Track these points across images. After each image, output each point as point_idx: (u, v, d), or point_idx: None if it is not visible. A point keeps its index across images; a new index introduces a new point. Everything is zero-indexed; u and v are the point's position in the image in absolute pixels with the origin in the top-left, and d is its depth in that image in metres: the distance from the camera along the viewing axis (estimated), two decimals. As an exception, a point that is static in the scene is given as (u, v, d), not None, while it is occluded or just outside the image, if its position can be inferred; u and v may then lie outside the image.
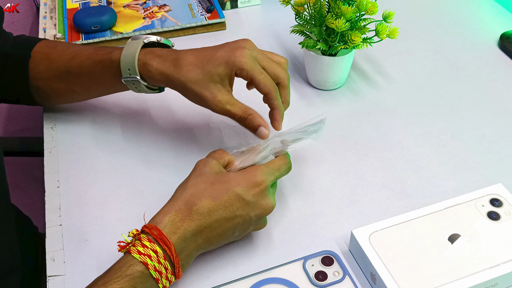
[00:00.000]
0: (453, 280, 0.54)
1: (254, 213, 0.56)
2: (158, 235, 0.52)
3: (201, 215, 0.54)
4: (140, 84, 0.66)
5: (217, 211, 0.55)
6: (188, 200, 0.55)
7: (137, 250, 0.51)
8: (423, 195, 0.67)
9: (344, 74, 0.82)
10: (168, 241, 0.52)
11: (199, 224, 0.54)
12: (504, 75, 0.86)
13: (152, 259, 0.51)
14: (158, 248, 0.51)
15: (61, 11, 0.99)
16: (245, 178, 0.56)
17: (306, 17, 0.78)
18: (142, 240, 0.52)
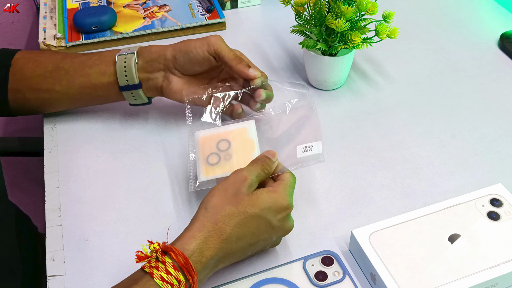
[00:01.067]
0: (453, 280, 0.54)
1: (276, 236, 0.57)
2: (184, 264, 0.50)
3: (229, 243, 0.53)
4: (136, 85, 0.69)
5: (244, 238, 0.54)
6: (217, 227, 0.52)
7: (160, 276, 0.49)
8: (423, 195, 0.67)
9: (344, 74, 0.82)
10: (193, 271, 0.50)
11: (225, 252, 0.53)
12: (504, 75, 0.86)
13: (174, 287, 0.49)
14: (181, 277, 0.49)
15: (61, 11, 0.99)
16: (276, 202, 0.55)
17: (306, 17, 0.78)
18: (166, 266, 0.49)
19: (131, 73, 0.69)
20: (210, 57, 0.68)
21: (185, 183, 0.69)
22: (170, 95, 0.71)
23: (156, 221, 0.65)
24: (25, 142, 1.01)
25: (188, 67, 0.70)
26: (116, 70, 0.70)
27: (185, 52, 0.68)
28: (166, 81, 0.70)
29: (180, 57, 0.69)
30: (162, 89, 0.71)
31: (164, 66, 0.70)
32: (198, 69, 0.70)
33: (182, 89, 0.70)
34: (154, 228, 0.64)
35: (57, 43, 0.92)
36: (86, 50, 0.93)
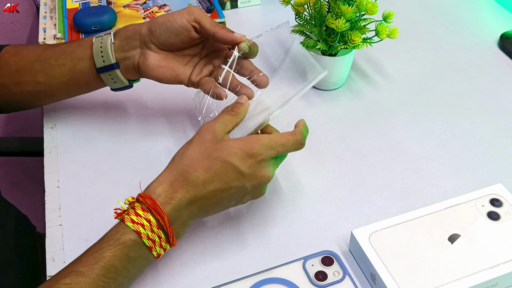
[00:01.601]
0: (453, 280, 0.54)
1: (249, 184, 0.56)
2: (152, 205, 0.52)
3: (196, 186, 0.54)
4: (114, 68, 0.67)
5: (212, 183, 0.55)
6: (184, 171, 0.55)
7: (130, 219, 0.52)
8: (423, 195, 0.67)
9: (344, 74, 0.82)
10: (161, 211, 0.52)
11: (193, 195, 0.54)
12: (504, 75, 0.86)
13: (145, 228, 0.52)
14: (151, 217, 0.52)
15: (61, 11, 0.99)
16: (243, 149, 0.55)
17: (306, 17, 0.78)
18: (136, 209, 0.52)
19: (107, 53, 0.66)
20: (189, 25, 0.63)
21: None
22: (147, 73, 0.67)
23: (156, 221, 0.65)
24: (25, 142, 1.01)
25: (164, 39, 0.64)
26: (93, 52, 0.67)
27: (162, 22, 0.64)
28: (142, 58, 0.66)
29: (156, 28, 0.64)
30: (139, 67, 0.67)
31: (140, 42, 0.66)
32: (175, 40, 0.65)
33: (160, 66, 0.66)
34: (154, 228, 0.64)
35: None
36: (86, 50, 0.93)
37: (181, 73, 0.67)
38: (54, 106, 0.81)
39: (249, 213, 0.65)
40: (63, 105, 0.80)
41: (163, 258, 0.60)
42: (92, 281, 0.49)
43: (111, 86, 0.70)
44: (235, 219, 0.64)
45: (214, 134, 0.56)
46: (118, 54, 0.67)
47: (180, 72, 0.67)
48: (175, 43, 0.65)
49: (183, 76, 0.67)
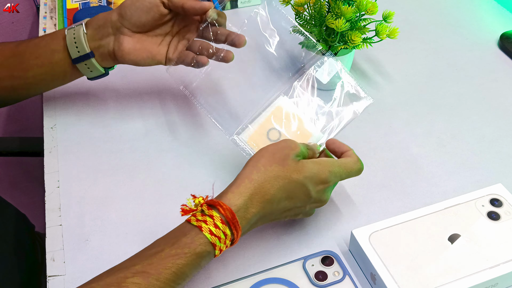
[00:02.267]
0: (453, 280, 0.54)
1: (309, 206, 0.58)
2: (231, 220, 0.52)
3: (271, 203, 0.55)
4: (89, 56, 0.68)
5: (284, 201, 0.56)
6: (262, 186, 0.54)
7: (209, 230, 0.51)
8: (423, 195, 0.67)
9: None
10: (238, 226, 0.52)
11: (266, 211, 0.55)
12: (504, 75, 0.86)
13: (221, 241, 0.52)
14: (228, 232, 0.52)
15: (61, 11, 0.99)
16: (318, 174, 0.57)
17: (306, 17, 0.78)
18: (215, 220, 0.51)
19: (81, 43, 0.67)
20: (157, 1, 0.65)
21: (184, 182, 0.69)
22: (123, 58, 0.68)
23: (156, 221, 0.65)
24: (25, 142, 1.01)
25: (136, 19, 0.66)
26: (67, 43, 0.68)
27: (131, 3, 0.66)
28: (117, 43, 0.67)
29: (126, 11, 0.66)
30: (115, 53, 0.68)
31: (112, 29, 0.67)
32: (146, 18, 0.66)
33: (135, 49, 0.68)
34: (154, 228, 0.64)
35: (57, 43, 0.92)
36: (86, 50, 0.93)
37: (157, 53, 0.69)
38: (54, 106, 0.81)
39: (249, 213, 0.65)
40: (63, 105, 0.81)
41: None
42: (162, 285, 0.49)
43: (87, 75, 0.71)
44: (235, 219, 0.64)
45: (297, 154, 0.58)
46: (92, 43, 0.68)
47: (155, 52, 0.68)
48: (146, 21, 0.67)
49: (160, 56, 0.69)
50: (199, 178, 0.70)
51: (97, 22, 0.68)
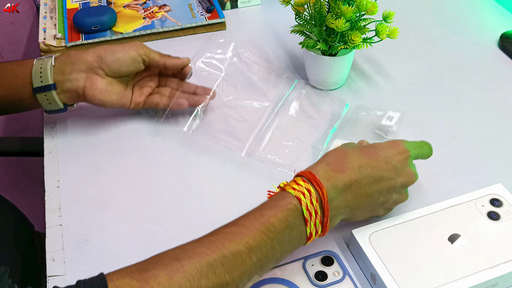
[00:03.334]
0: (453, 280, 0.54)
1: (399, 180, 0.58)
2: (312, 177, 0.53)
3: (351, 169, 0.55)
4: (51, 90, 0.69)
5: (366, 168, 0.56)
6: (338, 156, 0.56)
7: (291, 187, 0.53)
8: (423, 195, 0.67)
9: (344, 74, 0.82)
10: (320, 183, 0.53)
11: (349, 177, 0.55)
12: (504, 75, 0.86)
13: (305, 196, 0.52)
14: (311, 187, 0.53)
15: (61, 11, 0.99)
16: (390, 145, 0.58)
17: (306, 17, 0.78)
18: (296, 181, 0.54)
19: (46, 73, 0.68)
20: (139, 58, 0.71)
21: (185, 182, 0.69)
22: (94, 96, 0.70)
23: (156, 221, 0.65)
24: (25, 142, 1.01)
25: (115, 67, 0.70)
26: (32, 71, 0.68)
27: (113, 51, 0.70)
28: (89, 82, 0.69)
29: (107, 57, 0.70)
30: (85, 90, 0.70)
31: (85, 67, 0.69)
32: (124, 70, 0.71)
33: (107, 90, 0.71)
34: (154, 228, 0.64)
35: (57, 43, 0.92)
36: (86, 50, 0.93)
37: (124, 96, 0.73)
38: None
39: (249, 213, 0.65)
40: (63, 105, 0.81)
41: (163, 258, 0.60)
42: (252, 234, 0.50)
43: (45, 107, 0.71)
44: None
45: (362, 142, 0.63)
46: (57, 77, 0.69)
47: (123, 95, 0.73)
48: (124, 71, 0.72)
49: (126, 98, 0.73)
50: (199, 177, 0.70)
51: (68, 58, 0.70)
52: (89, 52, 0.70)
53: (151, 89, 0.76)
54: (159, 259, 0.49)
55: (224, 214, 0.65)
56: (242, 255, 0.49)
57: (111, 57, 0.70)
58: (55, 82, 0.69)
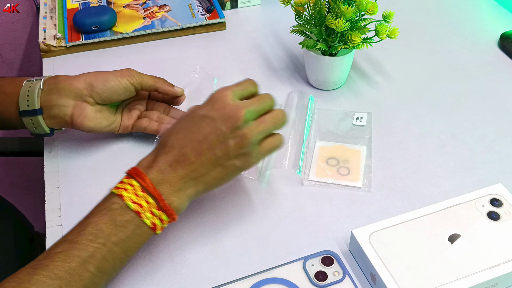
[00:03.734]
0: (453, 280, 0.54)
1: (222, 125, 0.55)
2: (133, 171, 0.55)
3: (171, 146, 0.55)
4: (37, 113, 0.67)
5: (183, 137, 0.56)
6: (161, 142, 0.57)
7: (115, 187, 0.54)
8: (423, 195, 0.67)
9: (344, 74, 0.82)
10: (142, 174, 0.54)
11: (171, 154, 0.55)
12: (504, 75, 0.86)
13: (128, 191, 0.53)
14: (133, 181, 0.54)
15: (61, 11, 0.99)
16: (207, 102, 0.57)
17: (306, 17, 0.78)
18: (121, 180, 0.55)
19: (33, 97, 0.66)
20: (131, 87, 0.69)
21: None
22: (82, 124, 0.68)
23: (156, 221, 0.65)
24: (25, 142, 1.01)
25: (106, 96, 0.68)
26: (20, 94, 0.67)
27: (104, 79, 0.68)
28: (78, 109, 0.67)
29: (98, 85, 0.67)
30: (73, 118, 0.67)
31: (75, 95, 0.67)
32: (115, 98, 0.69)
33: (96, 117, 0.69)
34: (154, 228, 0.64)
35: (57, 43, 0.92)
36: (86, 50, 0.93)
37: (113, 121, 0.71)
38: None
39: (249, 213, 0.65)
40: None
41: (163, 257, 0.60)
42: (81, 246, 0.50)
43: (31, 130, 0.69)
44: (236, 219, 0.64)
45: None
46: (45, 101, 0.67)
47: (112, 120, 0.71)
48: (115, 99, 0.70)
49: (115, 123, 0.72)
50: (199, 178, 0.70)
51: (57, 83, 0.67)
52: (79, 79, 0.67)
53: (140, 112, 0.74)
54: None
55: (225, 213, 0.65)
56: (77, 270, 0.49)
57: (103, 86, 0.67)
58: (42, 107, 0.67)
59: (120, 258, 0.52)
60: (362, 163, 0.71)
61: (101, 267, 0.50)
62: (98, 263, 0.50)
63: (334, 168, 0.70)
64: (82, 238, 0.51)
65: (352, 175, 0.69)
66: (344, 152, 0.72)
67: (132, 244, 0.53)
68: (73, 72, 0.70)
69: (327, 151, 0.72)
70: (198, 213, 0.65)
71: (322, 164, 0.70)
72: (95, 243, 0.50)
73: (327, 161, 0.71)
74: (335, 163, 0.70)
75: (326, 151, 0.72)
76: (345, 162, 0.71)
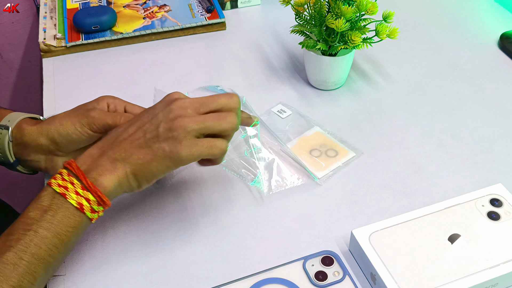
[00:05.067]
0: (453, 280, 0.54)
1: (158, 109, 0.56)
2: (65, 162, 0.54)
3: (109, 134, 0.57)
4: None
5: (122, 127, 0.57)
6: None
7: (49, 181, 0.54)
8: (423, 195, 0.67)
9: (344, 74, 0.82)
10: (71, 161, 0.54)
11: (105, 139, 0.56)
12: (504, 75, 0.86)
13: (56, 178, 0.53)
14: (63, 170, 0.54)
15: (61, 11, 0.99)
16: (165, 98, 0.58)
17: (306, 17, 0.78)
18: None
19: (5, 151, 0.64)
20: (95, 134, 0.63)
21: (184, 182, 0.69)
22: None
23: (155, 221, 0.65)
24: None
25: (73, 147, 0.64)
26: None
27: (66, 135, 0.63)
28: (50, 163, 0.65)
29: (62, 140, 0.63)
30: (48, 170, 0.66)
31: (42, 151, 0.64)
32: (82, 146, 0.64)
33: None
34: (153, 228, 0.64)
35: (57, 43, 0.92)
36: (86, 50, 0.93)
37: None
38: (54, 106, 0.81)
39: (249, 213, 0.65)
40: (63, 105, 0.80)
41: (163, 257, 0.60)
42: (15, 236, 0.50)
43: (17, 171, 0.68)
44: (235, 219, 0.64)
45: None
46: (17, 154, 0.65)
47: None
48: (78, 147, 0.64)
49: None
50: (199, 177, 0.70)
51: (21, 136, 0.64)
52: (42, 135, 0.63)
53: None
54: None
55: (224, 213, 0.65)
56: (11, 260, 0.49)
57: (66, 141, 0.63)
58: (16, 158, 0.65)
59: (54, 243, 0.52)
60: (332, 139, 0.73)
61: (36, 254, 0.50)
62: (32, 250, 0.50)
63: (323, 157, 0.71)
64: (15, 228, 0.51)
65: (340, 153, 0.71)
66: (312, 140, 0.73)
67: (64, 228, 0.52)
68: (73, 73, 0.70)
69: (300, 149, 0.72)
70: (198, 213, 0.65)
71: (311, 160, 0.71)
72: (26, 231, 0.51)
73: (311, 154, 0.72)
74: (318, 153, 0.71)
75: (299, 151, 0.72)
76: (322, 146, 0.72)
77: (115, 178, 0.54)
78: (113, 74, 0.87)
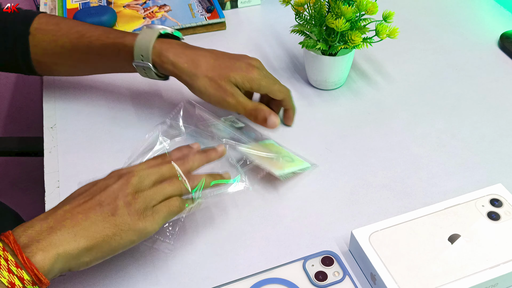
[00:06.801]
0: (453, 280, 0.54)
1: (115, 183, 0.53)
2: (4, 233, 0.49)
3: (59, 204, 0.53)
4: (151, 71, 0.70)
5: (74, 195, 0.54)
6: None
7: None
8: (423, 195, 0.67)
9: (344, 74, 0.82)
10: (8, 232, 0.48)
11: (52, 210, 0.51)
12: (504, 75, 0.86)
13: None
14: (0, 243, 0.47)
15: (61, 11, 0.99)
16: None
17: (306, 17, 0.78)
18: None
19: (148, 54, 0.68)
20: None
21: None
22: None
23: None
24: (25, 142, 1.01)
25: None
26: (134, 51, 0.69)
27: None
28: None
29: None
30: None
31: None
32: None
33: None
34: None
35: (57, 43, 0.92)
36: (86, 50, 0.93)
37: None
38: (54, 106, 0.81)
39: (249, 213, 0.65)
40: (63, 105, 0.81)
41: (163, 257, 0.60)
42: None
43: (141, 74, 0.72)
44: (235, 219, 0.64)
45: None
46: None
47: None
48: None
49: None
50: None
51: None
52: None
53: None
54: None
55: (224, 213, 0.65)
56: None
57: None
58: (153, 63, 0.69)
59: None
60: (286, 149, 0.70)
61: None
62: None
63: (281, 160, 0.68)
64: None
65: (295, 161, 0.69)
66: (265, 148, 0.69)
67: None
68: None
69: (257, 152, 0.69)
70: (197, 213, 0.65)
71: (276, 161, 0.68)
72: None
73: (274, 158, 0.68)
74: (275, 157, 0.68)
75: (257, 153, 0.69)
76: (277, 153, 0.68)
77: (61, 253, 0.48)
78: (114, 75, 0.87)
